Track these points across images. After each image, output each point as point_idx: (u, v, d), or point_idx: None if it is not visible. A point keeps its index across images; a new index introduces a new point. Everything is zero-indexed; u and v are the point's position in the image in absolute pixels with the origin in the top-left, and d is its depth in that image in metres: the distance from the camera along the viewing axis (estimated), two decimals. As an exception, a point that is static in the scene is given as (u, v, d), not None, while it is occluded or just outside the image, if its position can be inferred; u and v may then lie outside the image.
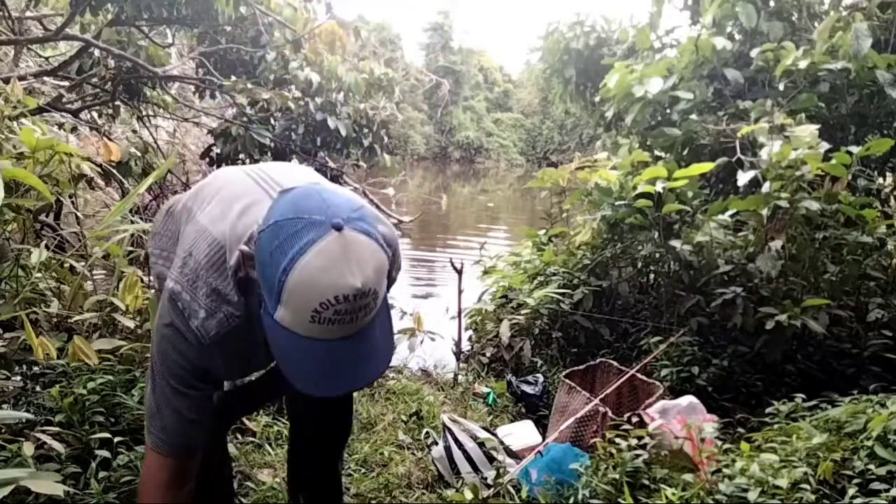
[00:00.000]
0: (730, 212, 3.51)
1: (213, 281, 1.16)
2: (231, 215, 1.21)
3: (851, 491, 1.80)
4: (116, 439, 1.94)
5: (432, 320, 4.22)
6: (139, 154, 4.49)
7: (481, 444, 2.57)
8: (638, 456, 2.18)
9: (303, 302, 0.94)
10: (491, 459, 2.53)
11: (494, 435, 2.74)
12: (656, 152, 4.27)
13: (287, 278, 0.93)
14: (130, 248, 2.73)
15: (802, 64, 3.68)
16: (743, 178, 3.28)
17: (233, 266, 1.13)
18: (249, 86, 4.26)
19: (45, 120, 3.86)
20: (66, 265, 2.70)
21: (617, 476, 2.13)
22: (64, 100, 4.51)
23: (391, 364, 3.95)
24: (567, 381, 2.99)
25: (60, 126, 3.92)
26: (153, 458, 1.24)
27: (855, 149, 3.11)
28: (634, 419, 2.53)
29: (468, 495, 2.20)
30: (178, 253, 1.28)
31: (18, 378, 2.13)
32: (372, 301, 0.98)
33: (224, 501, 1.78)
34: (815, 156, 3.02)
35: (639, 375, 3.06)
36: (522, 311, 4.10)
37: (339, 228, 0.94)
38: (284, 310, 0.96)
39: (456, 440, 2.58)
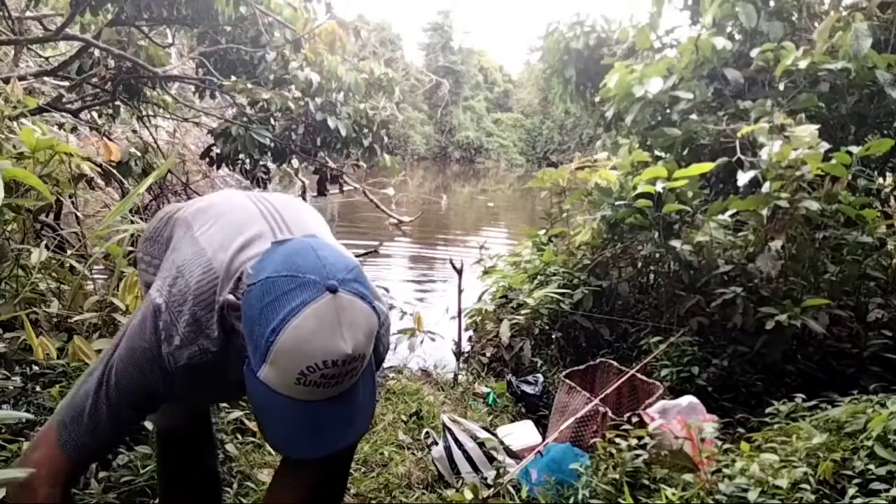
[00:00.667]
0: (730, 212, 3.51)
1: (197, 310, 1.11)
2: (232, 247, 1.17)
3: (851, 491, 1.80)
4: (116, 439, 1.94)
5: (432, 320, 4.22)
6: (139, 154, 4.48)
7: (481, 444, 2.57)
8: (638, 456, 2.18)
9: (290, 364, 0.92)
10: (491, 459, 2.53)
11: (494, 435, 2.74)
12: (656, 152, 4.27)
13: (276, 339, 0.91)
14: (130, 248, 2.73)
15: (802, 64, 3.68)
16: (743, 178, 3.28)
17: (220, 302, 1.10)
18: (249, 86, 4.26)
19: (45, 120, 3.86)
20: (66, 265, 2.70)
21: (617, 476, 2.14)
22: (64, 100, 4.51)
23: (391, 364, 3.97)
24: (567, 381, 2.99)
25: (60, 126, 3.92)
26: (54, 454, 1.13)
27: (855, 149, 3.11)
28: (634, 419, 2.53)
29: (468, 495, 2.20)
30: (167, 265, 1.24)
31: (18, 378, 2.13)
32: (360, 364, 0.96)
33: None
34: (815, 156, 3.02)
35: (639, 375, 3.06)
36: (522, 311, 4.10)
37: (333, 291, 0.92)
38: (269, 369, 0.93)
39: (456, 440, 2.58)
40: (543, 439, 2.75)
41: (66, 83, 4.66)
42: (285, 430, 0.99)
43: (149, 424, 2.08)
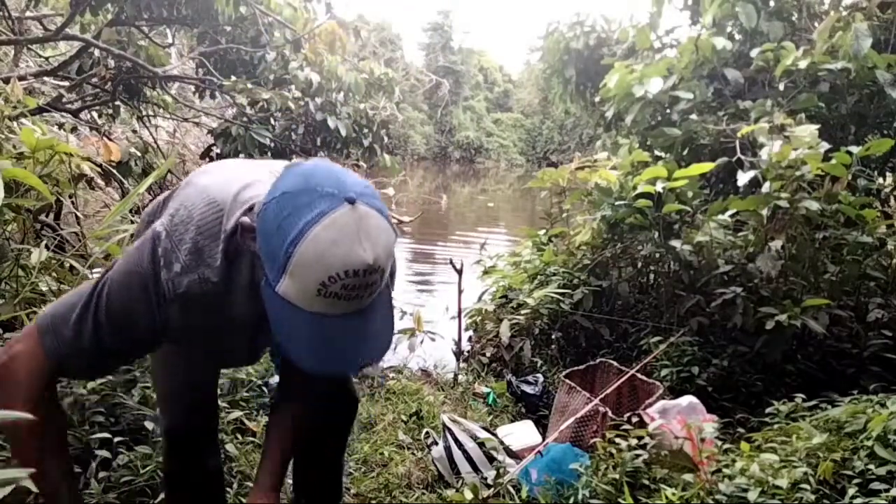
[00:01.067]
0: (730, 212, 3.51)
1: (200, 239, 1.10)
2: (234, 186, 1.16)
3: (851, 491, 1.80)
4: (116, 439, 1.94)
5: (432, 320, 4.22)
6: (139, 154, 4.48)
7: (481, 444, 2.57)
8: (638, 456, 2.18)
9: (310, 274, 0.91)
10: (491, 459, 2.53)
11: (494, 435, 2.74)
12: (656, 152, 4.27)
13: (296, 249, 0.90)
14: (130, 248, 2.72)
15: (802, 64, 3.68)
16: (743, 178, 3.28)
17: (228, 231, 1.08)
18: (249, 86, 4.26)
19: (45, 120, 3.85)
20: (66, 265, 2.69)
21: (617, 476, 2.13)
22: (64, 100, 4.51)
23: (391, 364, 3.96)
24: (567, 381, 2.99)
25: (60, 126, 3.91)
26: (36, 352, 1.10)
27: (855, 149, 3.11)
28: (634, 419, 2.53)
29: (468, 495, 2.20)
30: (168, 207, 1.22)
31: (18, 378, 2.13)
32: (379, 279, 0.95)
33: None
34: (815, 156, 3.02)
35: (639, 375, 3.06)
36: (522, 311, 4.10)
37: (352, 202, 0.92)
38: (289, 281, 0.93)
39: (456, 440, 2.58)
40: (543, 439, 2.75)
41: (66, 83, 4.66)
42: (303, 345, 0.97)
43: (149, 424, 2.08)
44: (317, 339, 0.97)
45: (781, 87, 3.82)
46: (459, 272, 3.97)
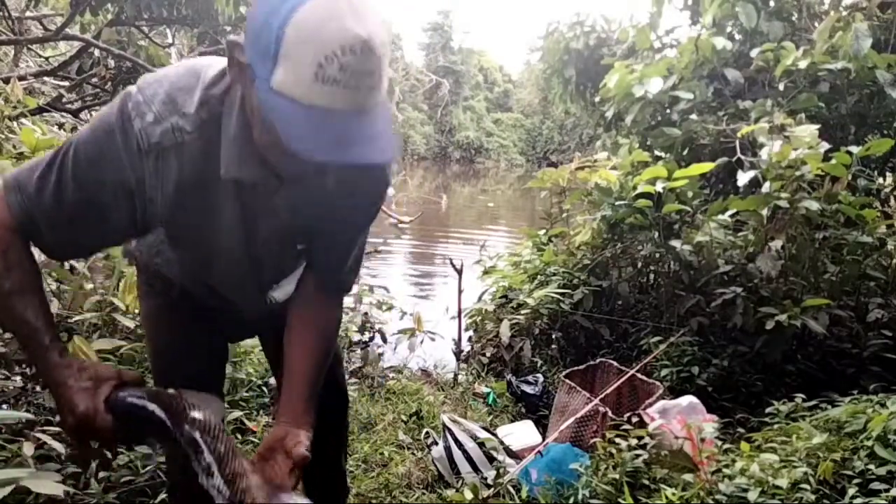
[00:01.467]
0: (730, 212, 3.51)
1: (174, 92, 1.05)
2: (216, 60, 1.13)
3: (851, 491, 1.80)
4: (116, 439, 1.94)
5: (432, 320, 4.22)
6: (139, 154, 4.48)
7: (481, 444, 2.57)
8: (638, 456, 2.19)
9: (305, 54, 0.85)
10: (491, 459, 2.53)
11: (494, 435, 2.74)
12: (656, 152, 4.27)
13: (285, 29, 0.84)
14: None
15: (802, 64, 3.68)
16: (743, 178, 3.28)
17: (207, 81, 1.05)
18: (249, 86, 4.26)
19: (45, 120, 3.86)
20: (66, 265, 2.69)
21: (617, 476, 2.14)
22: (64, 100, 4.51)
23: (391, 364, 3.94)
24: (567, 381, 2.99)
25: (60, 126, 3.92)
26: (0, 208, 1.07)
27: (855, 149, 3.11)
28: (634, 419, 2.53)
29: (468, 495, 2.20)
30: None
31: (18, 378, 2.13)
32: (378, 71, 0.89)
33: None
34: (815, 156, 3.02)
35: (639, 375, 3.06)
36: (522, 311, 4.10)
37: None
38: (283, 70, 0.86)
39: (456, 440, 2.58)
40: (543, 439, 2.75)
41: (66, 83, 4.66)
42: (306, 140, 0.90)
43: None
44: (319, 134, 0.90)
45: (781, 87, 3.82)
46: (459, 272, 3.97)
